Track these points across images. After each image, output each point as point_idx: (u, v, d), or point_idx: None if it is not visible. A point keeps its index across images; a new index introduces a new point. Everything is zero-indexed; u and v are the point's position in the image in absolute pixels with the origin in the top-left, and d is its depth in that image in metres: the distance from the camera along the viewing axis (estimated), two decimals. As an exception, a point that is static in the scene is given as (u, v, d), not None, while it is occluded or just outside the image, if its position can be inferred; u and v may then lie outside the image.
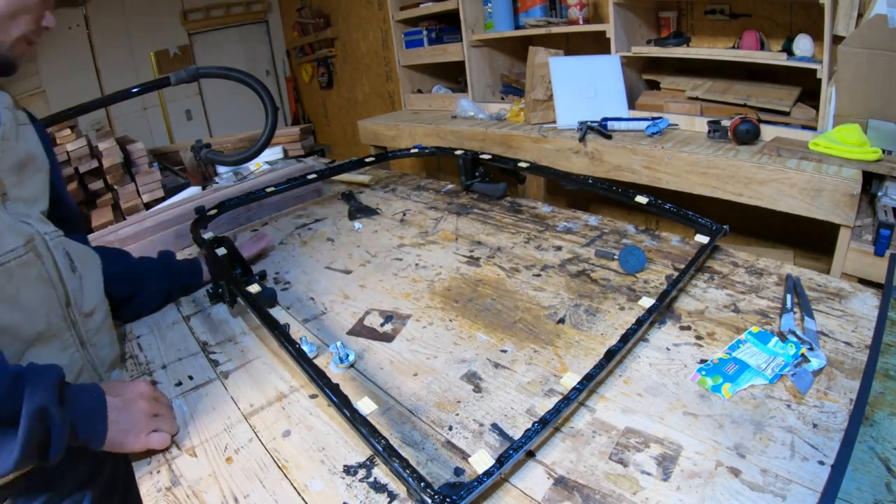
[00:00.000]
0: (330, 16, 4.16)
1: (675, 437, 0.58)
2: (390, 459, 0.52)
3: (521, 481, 0.55)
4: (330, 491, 0.57)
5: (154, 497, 0.59)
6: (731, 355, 0.68)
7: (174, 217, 1.24)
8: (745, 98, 1.78)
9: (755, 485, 0.51)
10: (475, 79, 2.69)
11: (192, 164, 1.68)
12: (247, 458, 0.63)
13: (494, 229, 1.16)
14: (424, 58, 2.92)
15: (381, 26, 3.58)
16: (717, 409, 0.61)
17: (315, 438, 0.64)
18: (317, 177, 1.38)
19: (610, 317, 0.81)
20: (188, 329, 0.92)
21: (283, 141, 1.89)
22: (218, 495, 0.58)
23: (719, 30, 2.03)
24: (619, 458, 0.56)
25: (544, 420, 0.57)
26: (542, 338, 0.78)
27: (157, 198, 1.89)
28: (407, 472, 0.51)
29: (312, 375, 0.62)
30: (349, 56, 4.08)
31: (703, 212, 0.97)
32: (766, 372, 0.64)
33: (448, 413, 0.66)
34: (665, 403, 0.63)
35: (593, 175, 1.64)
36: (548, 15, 2.38)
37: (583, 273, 0.94)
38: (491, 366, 0.73)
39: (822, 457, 0.53)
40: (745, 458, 0.54)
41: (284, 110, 5.06)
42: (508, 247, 1.07)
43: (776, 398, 0.61)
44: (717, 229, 0.93)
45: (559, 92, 2.14)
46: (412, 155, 1.48)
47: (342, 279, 1.03)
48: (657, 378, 0.67)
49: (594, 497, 0.52)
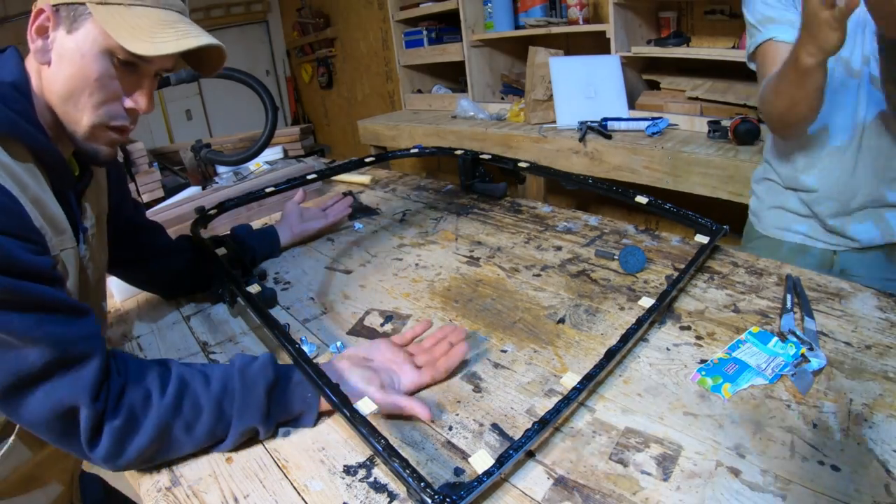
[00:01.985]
0: (330, 16, 4.16)
1: (675, 437, 0.58)
2: (390, 459, 0.52)
3: (521, 481, 0.55)
4: (330, 491, 0.57)
5: (154, 497, 0.59)
6: (731, 355, 0.68)
7: (174, 217, 1.23)
8: (745, 98, 1.78)
9: (755, 485, 0.51)
10: (475, 79, 2.69)
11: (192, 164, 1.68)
12: (247, 458, 0.63)
13: (494, 229, 1.16)
14: (424, 58, 2.92)
15: (381, 26, 3.58)
16: (717, 409, 0.61)
17: (315, 438, 0.65)
18: (317, 177, 1.37)
19: (610, 317, 0.81)
20: (188, 329, 0.92)
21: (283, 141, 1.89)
22: (218, 495, 0.58)
23: (719, 30, 2.03)
24: (619, 458, 0.56)
25: (544, 420, 0.58)
26: (542, 338, 0.78)
27: (157, 198, 1.89)
28: (407, 471, 0.51)
29: (312, 375, 0.62)
30: (349, 56, 4.08)
31: (703, 212, 0.97)
32: (766, 372, 0.64)
33: (448, 413, 0.66)
34: (665, 403, 0.63)
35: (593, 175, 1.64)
36: (548, 15, 2.38)
37: (583, 273, 0.94)
38: (491, 366, 0.73)
39: (822, 457, 0.53)
40: (745, 458, 0.54)
41: (284, 110, 5.05)
42: (508, 247, 1.07)
43: (776, 398, 0.61)
44: (717, 229, 0.93)
45: (559, 92, 2.14)
46: (412, 155, 1.48)
47: (342, 279, 1.03)
48: (657, 378, 0.67)
49: (594, 497, 0.52)
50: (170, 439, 0.61)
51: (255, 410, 0.63)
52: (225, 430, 0.63)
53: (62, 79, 0.60)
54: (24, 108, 0.60)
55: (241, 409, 0.62)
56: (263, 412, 0.63)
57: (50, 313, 0.56)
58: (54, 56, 0.60)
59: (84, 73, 0.60)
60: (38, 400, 0.55)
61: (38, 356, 0.54)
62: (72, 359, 0.56)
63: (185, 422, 0.61)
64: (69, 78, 0.60)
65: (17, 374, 0.54)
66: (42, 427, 0.57)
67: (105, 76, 0.61)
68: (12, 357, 0.54)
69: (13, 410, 0.56)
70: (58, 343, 0.55)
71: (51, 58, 0.60)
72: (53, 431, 0.57)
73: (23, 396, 0.55)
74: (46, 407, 0.55)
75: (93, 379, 0.57)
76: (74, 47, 0.59)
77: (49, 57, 0.60)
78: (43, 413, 0.56)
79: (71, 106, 0.61)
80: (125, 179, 0.91)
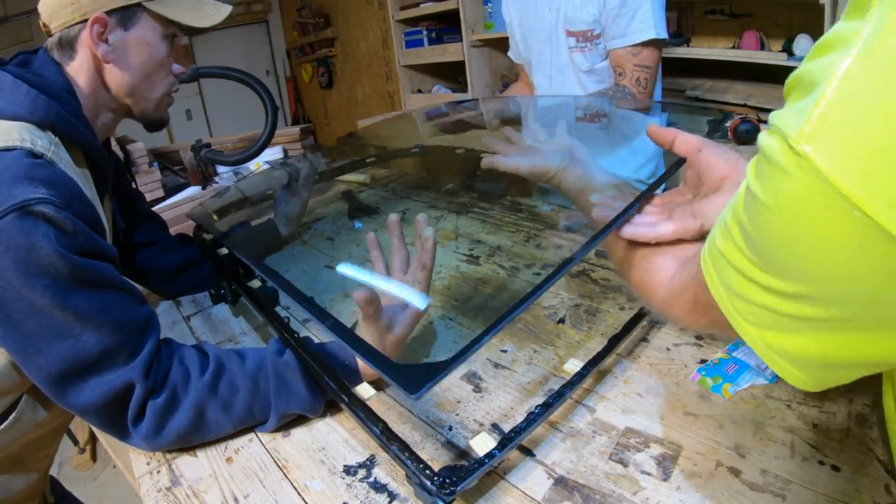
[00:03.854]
0: (330, 16, 4.15)
1: (675, 437, 0.58)
2: (389, 444, 0.52)
3: (521, 481, 0.55)
4: (330, 491, 0.57)
5: (154, 497, 0.59)
6: (731, 355, 0.68)
7: (174, 217, 1.24)
8: (745, 98, 1.78)
9: (755, 485, 0.51)
10: (475, 79, 2.68)
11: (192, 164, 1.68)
12: (247, 458, 0.63)
13: (494, 228, 1.16)
14: (424, 58, 2.92)
15: (381, 26, 3.57)
16: (717, 409, 0.61)
17: (315, 438, 0.65)
18: (317, 177, 1.37)
19: (610, 317, 0.81)
20: (188, 329, 0.92)
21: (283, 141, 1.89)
22: (218, 495, 0.58)
23: (719, 30, 2.03)
24: (619, 458, 0.56)
25: (547, 404, 0.58)
26: (542, 338, 0.78)
27: (157, 197, 1.89)
28: (405, 454, 0.50)
29: (308, 361, 0.62)
30: (349, 56, 4.08)
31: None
32: (766, 372, 0.64)
33: (448, 413, 0.66)
34: (665, 403, 0.63)
35: (593, 175, 1.64)
36: (548, 15, 2.37)
37: (583, 273, 0.94)
38: (491, 366, 0.73)
39: (822, 457, 0.53)
40: (745, 458, 0.54)
41: (284, 110, 5.05)
42: (508, 245, 1.07)
43: (776, 398, 0.61)
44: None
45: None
46: (412, 154, 1.48)
47: (342, 278, 1.02)
48: (657, 378, 0.67)
49: (594, 497, 0.52)
50: (206, 419, 0.62)
51: (293, 388, 0.64)
52: (264, 410, 0.64)
53: (135, 66, 0.72)
54: (78, 110, 0.67)
55: (278, 389, 0.63)
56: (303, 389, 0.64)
57: (116, 295, 0.59)
58: (118, 53, 0.70)
59: (154, 57, 0.73)
60: (91, 387, 0.57)
61: (96, 342, 0.56)
62: (131, 344, 0.58)
63: (221, 401, 0.62)
64: (142, 64, 0.72)
65: (75, 361, 0.55)
66: (92, 412, 0.58)
67: (165, 55, 0.74)
68: (70, 344, 0.55)
69: (62, 396, 0.57)
70: (119, 329, 0.57)
71: (115, 56, 0.70)
72: (103, 415, 0.59)
73: (75, 383, 0.56)
74: (100, 391, 0.57)
75: (147, 357, 0.59)
76: (138, 39, 0.71)
77: (112, 56, 0.70)
78: (96, 398, 0.57)
79: (145, 86, 0.74)
80: (124, 171, 0.93)
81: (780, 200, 0.28)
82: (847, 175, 0.24)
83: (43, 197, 0.54)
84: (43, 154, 0.58)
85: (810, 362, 0.33)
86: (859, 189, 0.24)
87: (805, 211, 0.26)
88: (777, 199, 0.28)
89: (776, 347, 0.33)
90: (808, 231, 0.27)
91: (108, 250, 0.61)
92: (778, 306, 0.31)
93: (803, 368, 0.33)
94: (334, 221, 1.32)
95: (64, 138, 0.63)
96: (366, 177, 1.62)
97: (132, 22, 0.70)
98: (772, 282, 0.31)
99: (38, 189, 0.54)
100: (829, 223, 0.25)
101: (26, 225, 0.52)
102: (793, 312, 0.30)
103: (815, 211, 0.26)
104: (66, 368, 0.55)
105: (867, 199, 0.24)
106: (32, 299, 0.53)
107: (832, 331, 0.30)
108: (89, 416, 0.59)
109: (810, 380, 0.34)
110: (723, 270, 0.35)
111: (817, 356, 0.32)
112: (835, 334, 0.30)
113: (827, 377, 0.34)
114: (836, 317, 0.29)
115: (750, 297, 0.33)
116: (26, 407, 0.69)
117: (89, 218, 0.59)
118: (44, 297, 0.53)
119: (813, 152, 0.25)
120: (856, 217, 0.24)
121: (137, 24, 0.70)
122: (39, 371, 0.56)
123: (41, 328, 0.54)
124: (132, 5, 0.69)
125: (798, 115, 0.26)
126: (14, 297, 0.53)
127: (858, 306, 0.27)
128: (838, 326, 0.29)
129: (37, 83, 0.63)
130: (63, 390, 0.57)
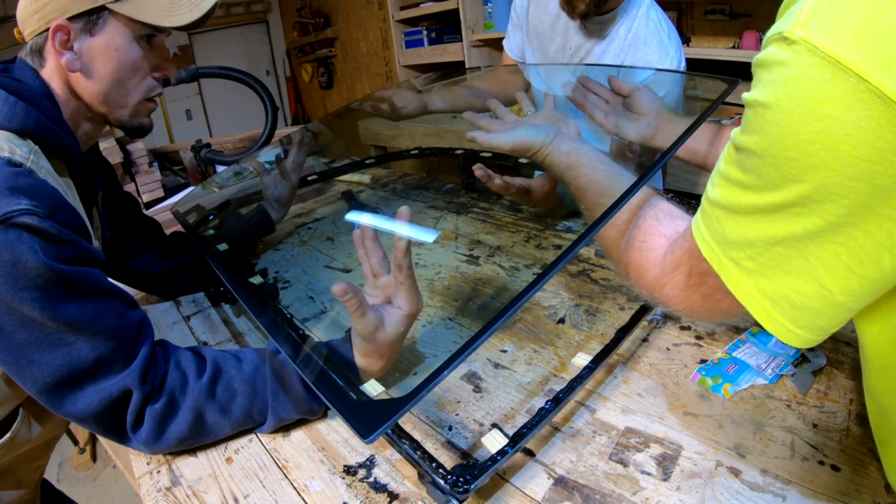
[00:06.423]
0: (330, 16, 4.15)
1: (675, 437, 0.58)
2: (399, 441, 0.52)
3: (521, 481, 0.55)
4: (330, 491, 0.57)
5: (154, 497, 0.59)
6: (731, 355, 0.68)
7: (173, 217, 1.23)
8: (746, 98, 1.78)
9: (755, 485, 0.51)
10: (475, 79, 2.68)
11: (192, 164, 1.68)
12: (247, 458, 0.63)
13: (494, 228, 1.16)
14: (424, 58, 2.92)
15: (381, 26, 3.57)
16: (717, 409, 0.61)
17: (315, 438, 0.65)
18: (317, 177, 1.38)
19: (610, 317, 0.81)
20: (188, 329, 0.92)
21: (283, 141, 1.89)
22: (218, 495, 0.58)
23: (719, 30, 2.03)
24: (619, 458, 0.56)
25: (557, 398, 0.58)
26: (542, 338, 0.78)
27: (157, 197, 1.89)
28: (418, 453, 0.50)
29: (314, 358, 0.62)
30: (349, 56, 4.08)
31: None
32: (766, 372, 0.64)
33: (448, 413, 0.66)
34: (665, 403, 0.63)
35: (593, 175, 1.64)
36: (548, 15, 2.37)
37: (583, 273, 0.94)
38: (491, 366, 0.73)
39: (822, 457, 0.53)
40: (745, 458, 0.54)
41: (284, 110, 5.05)
42: (508, 245, 1.07)
43: (776, 398, 0.61)
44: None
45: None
46: (412, 156, 1.48)
47: (342, 278, 1.02)
48: (657, 378, 0.67)
49: (594, 497, 0.52)
50: (205, 423, 0.62)
51: (291, 390, 0.64)
52: (262, 413, 0.64)
53: (104, 74, 0.67)
54: (58, 116, 0.65)
55: (276, 392, 0.63)
56: (301, 391, 0.64)
57: (108, 301, 0.58)
58: (86, 60, 0.65)
59: (125, 62, 0.67)
60: (88, 395, 0.56)
61: (90, 350, 0.55)
62: (125, 350, 0.58)
63: (219, 405, 0.62)
64: (113, 71, 0.67)
65: (70, 370, 0.55)
66: (90, 420, 0.58)
67: (139, 58, 0.69)
68: (64, 353, 0.54)
69: (59, 405, 0.57)
70: (112, 336, 0.57)
71: (81, 64, 0.65)
72: (101, 422, 0.58)
73: (71, 392, 0.56)
74: (97, 399, 0.56)
75: (143, 363, 0.59)
76: (105, 45, 0.66)
77: (79, 64, 0.65)
78: (93, 405, 0.57)
79: (117, 94, 0.68)
80: (114, 176, 0.92)
81: (779, 92, 0.29)
82: (840, 44, 0.26)
83: (25, 208, 0.52)
84: (22, 163, 0.56)
85: (807, 306, 0.33)
86: (853, 55, 0.26)
87: (805, 93, 0.28)
88: (776, 91, 0.29)
89: (772, 295, 0.33)
90: (809, 113, 0.28)
91: (96, 255, 0.60)
92: (777, 230, 0.32)
93: (800, 316, 0.33)
94: (334, 221, 1.32)
95: (45, 146, 0.61)
96: (366, 177, 1.62)
97: (98, 27, 0.65)
98: (773, 197, 0.31)
99: (21, 200, 0.53)
100: (827, 98, 0.27)
101: (10, 238, 0.51)
102: (792, 231, 0.31)
103: (814, 88, 0.27)
104: (62, 377, 0.55)
105: (862, 64, 0.25)
106: (23, 312, 0.52)
107: (832, 241, 0.30)
108: (88, 424, 0.59)
109: (805, 332, 0.34)
110: (715, 223, 0.36)
111: (814, 293, 0.32)
112: (835, 246, 0.30)
113: (824, 323, 0.34)
114: (835, 219, 0.29)
115: (747, 236, 0.33)
116: (22, 425, 0.69)
117: (74, 225, 0.58)
118: (34, 309, 0.52)
119: (808, 34, 0.27)
120: (852, 84, 0.26)
121: (104, 29, 0.65)
122: (35, 381, 0.55)
123: (34, 339, 0.53)
124: (95, 9, 0.64)
125: (790, 15, 0.28)
126: (4, 310, 0.52)
127: (858, 193, 0.28)
128: (838, 230, 0.29)
129: (16, 89, 0.61)
130: (59, 400, 0.56)
